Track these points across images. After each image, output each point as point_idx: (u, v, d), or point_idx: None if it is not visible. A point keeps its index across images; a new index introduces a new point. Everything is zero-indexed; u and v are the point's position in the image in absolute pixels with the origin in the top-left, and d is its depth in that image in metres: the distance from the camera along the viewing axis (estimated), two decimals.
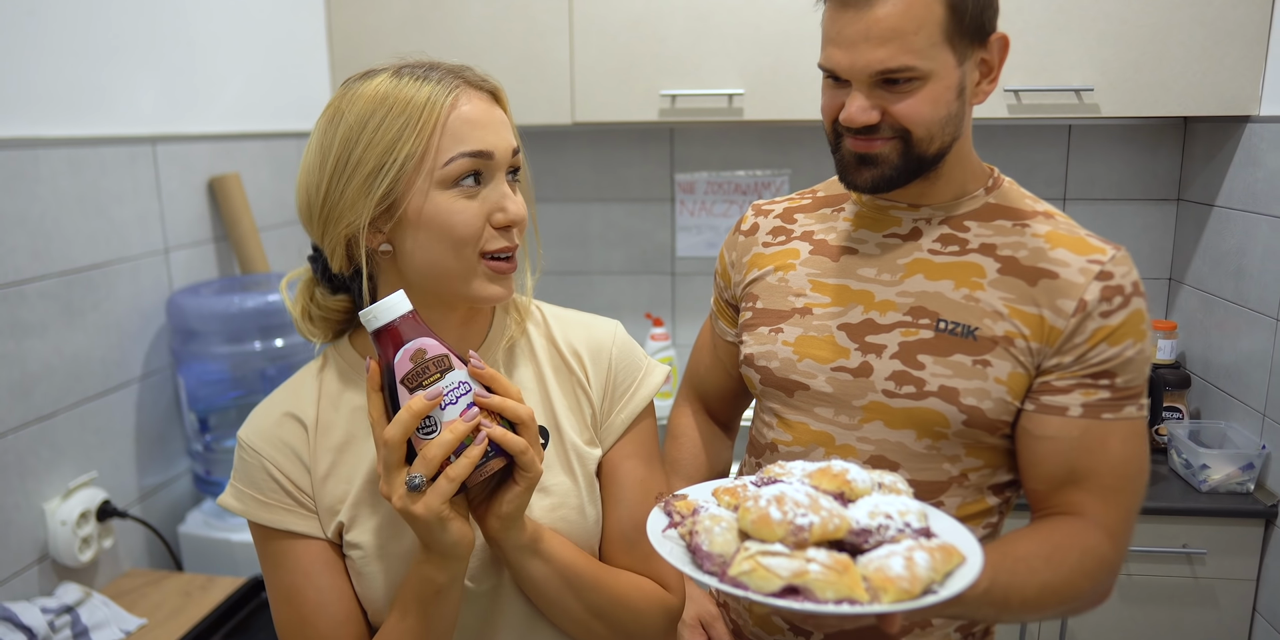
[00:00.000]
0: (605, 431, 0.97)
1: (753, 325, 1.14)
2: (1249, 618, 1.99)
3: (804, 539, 0.74)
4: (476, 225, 0.84)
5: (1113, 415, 0.97)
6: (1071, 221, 1.04)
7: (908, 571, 0.72)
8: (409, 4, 2.27)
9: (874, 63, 0.94)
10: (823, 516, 0.75)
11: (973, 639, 1.12)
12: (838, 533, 0.75)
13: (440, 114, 0.82)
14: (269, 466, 0.90)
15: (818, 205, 1.16)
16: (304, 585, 0.89)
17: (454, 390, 0.77)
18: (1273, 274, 1.90)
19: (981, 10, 0.97)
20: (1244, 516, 1.93)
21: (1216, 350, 2.15)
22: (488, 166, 0.85)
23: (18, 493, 1.43)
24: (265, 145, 2.07)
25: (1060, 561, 0.94)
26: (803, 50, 2.13)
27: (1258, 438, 1.96)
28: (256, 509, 0.90)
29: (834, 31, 0.98)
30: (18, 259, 1.42)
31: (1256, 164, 1.99)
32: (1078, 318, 0.96)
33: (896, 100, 0.96)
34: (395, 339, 0.78)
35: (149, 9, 1.70)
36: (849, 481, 0.81)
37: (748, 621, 1.17)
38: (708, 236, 2.62)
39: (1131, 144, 2.40)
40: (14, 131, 1.42)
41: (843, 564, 0.73)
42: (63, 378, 1.51)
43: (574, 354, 0.98)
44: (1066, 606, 0.97)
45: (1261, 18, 1.95)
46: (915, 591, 0.72)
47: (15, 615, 1.34)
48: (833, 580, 0.71)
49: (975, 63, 0.99)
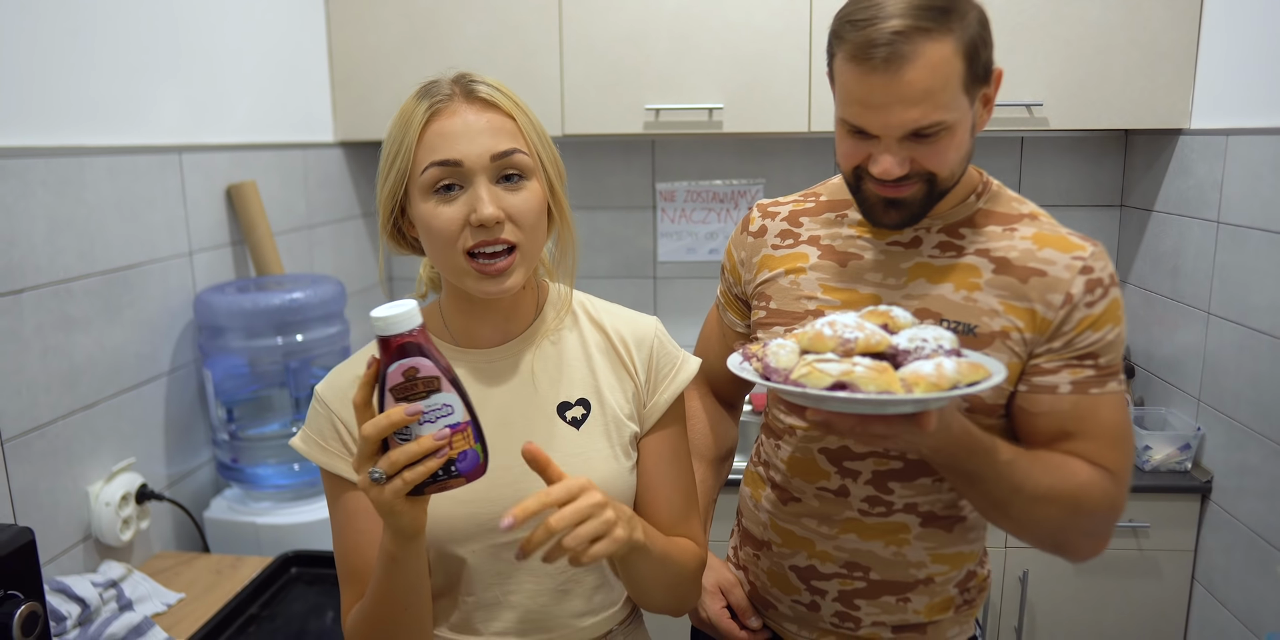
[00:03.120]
0: (648, 412, 1.09)
1: (767, 324, 1.22)
2: (1188, 585, 2.18)
3: (851, 349, 0.93)
4: (452, 229, 0.94)
5: (1099, 390, 1.07)
6: (1054, 221, 1.13)
7: (936, 372, 0.89)
8: (406, 24, 2.40)
9: (908, 123, 0.99)
10: (867, 333, 0.94)
11: (967, 594, 1.23)
12: (879, 346, 0.94)
13: (416, 130, 0.95)
14: (335, 420, 1.03)
15: (821, 209, 1.23)
16: (348, 525, 1.03)
17: (436, 410, 0.82)
18: (1204, 272, 2.10)
19: (987, 51, 1.03)
20: (1182, 492, 2.12)
21: (1157, 343, 2.35)
22: (458, 173, 0.94)
23: (65, 476, 1.54)
24: (276, 155, 2.19)
25: (1071, 472, 1.05)
26: (778, 68, 2.30)
27: (1193, 421, 2.16)
28: (318, 453, 1.03)
29: (862, 93, 1.00)
30: (67, 259, 1.53)
31: (1188, 173, 2.20)
32: (1066, 309, 1.06)
33: (924, 150, 1.02)
34: (395, 351, 0.82)
35: (174, 28, 1.82)
36: (893, 317, 0.99)
37: (766, 583, 1.29)
38: (687, 242, 2.78)
39: (1078, 154, 2.61)
40: (63, 140, 1.54)
41: (883, 367, 0.90)
42: (104, 370, 1.62)
43: (620, 340, 1.08)
44: (1066, 512, 1.04)
45: (1189, 41, 2.16)
46: (943, 386, 0.88)
47: (69, 587, 1.45)
48: (874, 377, 0.88)
49: (980, 99, 1.06)
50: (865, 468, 1.16)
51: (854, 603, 1.21)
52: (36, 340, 1.47)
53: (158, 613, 1.55)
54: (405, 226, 1.02)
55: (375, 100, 2.45)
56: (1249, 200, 1.92)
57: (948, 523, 1.18)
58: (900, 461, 1.15)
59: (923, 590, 1.20)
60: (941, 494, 1.16)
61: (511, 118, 0.97)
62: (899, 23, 0.97)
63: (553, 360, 1.06)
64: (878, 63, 0.97)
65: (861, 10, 1.00)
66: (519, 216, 0.96)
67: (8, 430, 1.41)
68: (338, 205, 2.53)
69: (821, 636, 1.24)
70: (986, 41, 1.03)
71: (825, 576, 1.21)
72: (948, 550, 1.19)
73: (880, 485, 1.16)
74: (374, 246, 2.78)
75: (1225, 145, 2.02)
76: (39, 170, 1.47)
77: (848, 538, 1.19)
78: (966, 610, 1.24)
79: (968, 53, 0.99)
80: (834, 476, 1.18)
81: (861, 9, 1.00)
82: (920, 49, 0.97)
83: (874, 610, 1.20)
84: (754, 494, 1.31)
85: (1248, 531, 1.95)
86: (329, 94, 2.47)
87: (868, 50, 0.98)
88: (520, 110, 0.99)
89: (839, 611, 1.22)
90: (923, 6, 0.97)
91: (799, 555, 1.23)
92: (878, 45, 0.97)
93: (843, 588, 1.21)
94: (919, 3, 0.97)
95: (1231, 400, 2.00)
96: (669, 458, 1.09)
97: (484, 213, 0.93)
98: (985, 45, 1.02)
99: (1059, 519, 1.05)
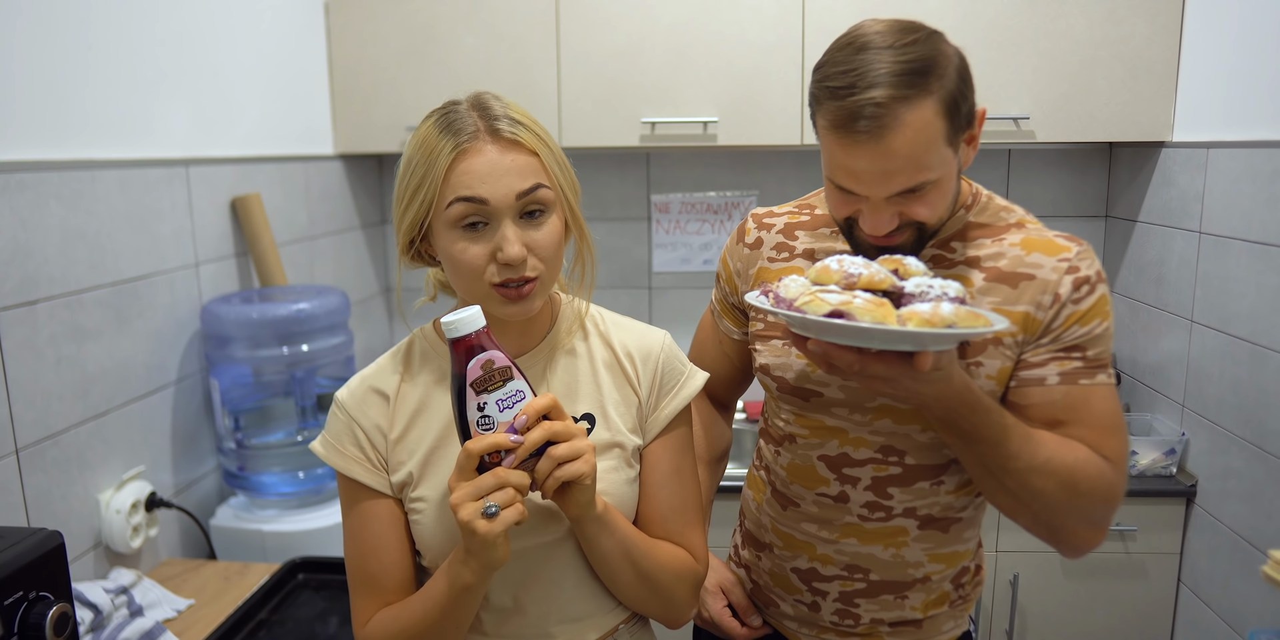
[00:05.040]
0: (650, 425, 1.12)
1: (765, 337, 1.24)
2: (1174, 588, 2.23)
3: (853, 284, 0.97)
4: (479, 264, 0.98)
5: (1088, 381, 1.09)
6: (1040, 225, 1.16)
7: (933, 311, 0.92)
8: (405, 38, 2.44)
9: (893, 187, 1.01)
10: (872, 271, 0.98)
11: (962, 589, 1.27)
12: (882, 284, 0.98)
13: (444, 167, 0.97)
14: (354, 427, 1.07)
15: (816, 224, 1.24)
16: (362, 529, 1.07)
17: (511, 396, 0.92)
18: (1187, 281, 2.16)
19: (967, 102, 1.02)
20: (1168, 496, 2.17)
21: (1142, 350, 2.40)
22: (484, 212, 0.97)
23: (77, 484, 1.57)
24: (278, 168, 2.23)
25: (1070, 448, 1.06)
26: (771, 82, 2.35)
27: (1178, 426, 2.21)
28: (336, 457, 1.07)
29: (846, 160, 1.01)
30: (79, 270, 1.56)
31: (1171, 184, 2.26)
32: (1055, 308, 1.09)
33: (912, 204, 1.03)
34: (470, 349, 0.91)
35: (181, 45, 1.86)
36: (905, 264, 1.03)
37: (768, 583, 1.32)
38: (682, 253, 2.82)
39: (1064, 167, 2.67)
40: (76, 154, 1.57)
41: (881, 301, 0.94)
42: (114, 379, 1.65)
43: (627, 355, 1.11)
44: (1063, 487, 1.05)
45: (1171, 57, 2.22)
46: (937, 324, 0.92)
47: (82, 594, 1.47)
48: (871, 310, 0.92)
49: (965, 140, 1.06)
50: (865, 474, 1.20)
51: (854, 602, 1.24)
52: (50, 350, 1.50)
53: (168, 618, 1.58)
54: (423, 248, 1.05)
55: (374, 114, 2.49)
56: (1229, 211, 1.98)
57: (945, 524, 1.21)
58: (899, 467, 1.18)
59: (920, 588, 1.24)
60: (939, 497, 1.20)
61: (535, 154, 1.00)
62: (879, 93, 0.96)
63: (562, 375, 1.10)
64: (860, 136, 0.98)
65: (840, 75, 0.99)
66: (541, 250, 0.99)
67: (23, 438, 1.44)
68: (337, 217, 2.56)
69: (822, 634, 1.28)
70: (966, 93, 1.02)
71: (826, 578, 1.25)
72: (944, 550, 1.23)
73: (880, 491, 1.20)
74: (373, 258, 2.81)
75: (1206, 158, 2.08)
76: (53, 183, 1.51)
77: (848, 542, 1.22)
78: (961, 605, 1.28)
79: (949, 109, 0.99)
80: (834, 483, 1.22)
81: (840, 75, 0.99)
82: (902, 118, 0.97)
83: (873, 608, 1.24)
84: (755, 497, 1.35)
85: (1231, 534, 2.00)
86: (329, 108, 2.50)
87: (850, 122, 0.98)
88: (543, 144, 1.01)
89: (839, 610, 1.25)
90: (902, 72, 0.97)
91: (800, 558, 1.26)
92: (859, 118, 0.97)
93: (843, 588, 1.24)
94: (898, 68, 0.97)
95: (1215, 406, 2.05)
96: (667, 470, 1.12)
97: (510, 253, 0.96)
98: (965, 98, 1.02)
99: (1055, 494, 1.06)
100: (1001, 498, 1.10)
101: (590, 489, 0.96)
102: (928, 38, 1.01)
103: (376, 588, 1.06)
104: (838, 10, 2.30)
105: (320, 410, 1.96)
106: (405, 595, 1.06)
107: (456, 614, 0.99)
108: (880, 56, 0.98)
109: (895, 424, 1.17)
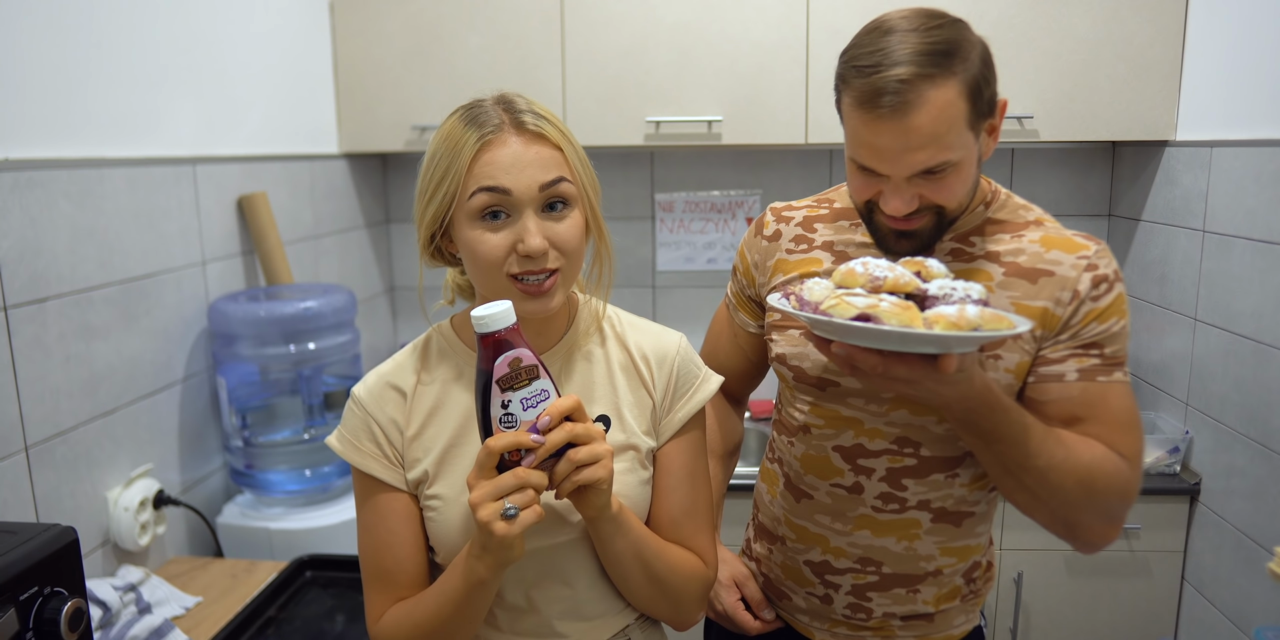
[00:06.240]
0: (664, 427, 1.12)
1: (782, 327, 1.25)
2: (1178, 585, 2.24)
3: (879, 287, 0.97)
4: (498, 255, 0.98)
5: (1106, 378, 1.10)
6: (1058, 224, 1.17)
7: (958, 314, 0.93)
8: (410, 37, 2.45)
9: (915, 165, 1.03)
10: (897, 274, 0.98)
11: (973, 584, 1.27)
12: (907, 287, 0.98)
13: (467, 158, 0.98)
14: (370, 423, 1.07)
15: (835, 217, 1.25)
16: (377, 524, 1.07)
17: (536, 395, 0.91)
18: (1190, 280, 2.16)
19: (990, 88, 1.05)
20: (1172, 494, 2.17)
21: (1146, 349, 2.41)
22: (507, 202, 0.97)
23: (85, 481, 1.57)
24: (284, 167, 2.23)
25: (1087, 446, 1.07)
26: (775, 81, 2.36)
27: (1182, 424, 2.21)
28: (352, 453, 1.07)
29: (870, 138, 1.03)
30: (87, 268, 1.57)
31: (1174, 183, 2.26)
32: (1074, 305, 1.10)
33: (933, 186, 1.05)
34: (498, 345, 0.89)
35: (188, 44, 1.86)
36: (927, 266, 1.03)
37: (781, 576, 1.33)
38: (686, 252, 2.83)
39: (1067, 166, 2.67)
40: (84, 152, 1.58)
41: (907, 305, 0.94)
42: (122, 377, 1.65)
43: (643, 357, 1.11)
44: (1080, 485, 1.06)
45: (1174, 56, 2.23)
46: (963, 327, 0.92)
47: (91, 591, 1.48)
48: (898, 313, 0.93)
49: (985, 129, 1.08)
50: (879, 465, 1.20)
51: (866, 595, 1.25)
52: (59, 348, 1.50)
53: (176, 616, 1.58)
54: (444, 244, 1.06)
55: (379, 113, 2.49)
56: (1233, 210, 1.99)
57: (957, 518, 1.22)
58: (914, 458, 1.19)
59: (931, 582, 1.24)
60: (953, 490, 1.20)
61: (559, 148, 1.00)
62: (904, 71, 0.99)
63: (579, 376, 1.10)
64: (884, 111, 1.00)
65: (867, 55, 1.02)
66: (562, 244, 0.99)
67: (32, 435, 1.44)
68: (342, 216, 2.57)
69: (834, 627, 1.29)
70: (989, 79, 1.05)
71: (839, 571, 1.25)
72: (956, 543, 1.23)
73: (894, 482, 1.20)
74: (378, 256, 2.81)
75: (1210, 156, 2.09)
76: (61, 181, 1.51)
77: (861, 534, 1.23)
78: (973, 599, 1.28)
79: (971, 93, 1.02)
80: (848, 474, 1.22)
81: (867, 54, 1.02)
82: (925, 96, 0.99)
83: (885, 601, 1.25)
84: (769, 490, 1.35)
85: (1235, 531, 2.00)
86: (334, 107, 2.51)
87: (874, 98, 1.01)
88: (565, 139, 1.01)
89: (851, 603, 1.26)
90: (927, 52, 1.00)
91: (813, 551, 1.27)
92: (884, 94, 1.00)
93: (856, 582, 1.25)
94: (923, 48, 1.00)
95: (1218, 404, 2.06)
96: (680, 473, 1.12)
97: (532, 244, 0.97)
98: (989, 82, 1.05)
99: (1072, 492, 1.07)
100: (1020, 496, 1.11)
101: (607, 493, 0.96)
102: (952, 23, 1.04)
103: (390, 583, 1.06)
104: (842, 10, 2.30)
105: (327, 408, 1.97)
106: (419, 590, 1.06)
107: (470, 609, 0.99)
108: (906, 38, 1.01)
109: (911, 415, 1.18)
